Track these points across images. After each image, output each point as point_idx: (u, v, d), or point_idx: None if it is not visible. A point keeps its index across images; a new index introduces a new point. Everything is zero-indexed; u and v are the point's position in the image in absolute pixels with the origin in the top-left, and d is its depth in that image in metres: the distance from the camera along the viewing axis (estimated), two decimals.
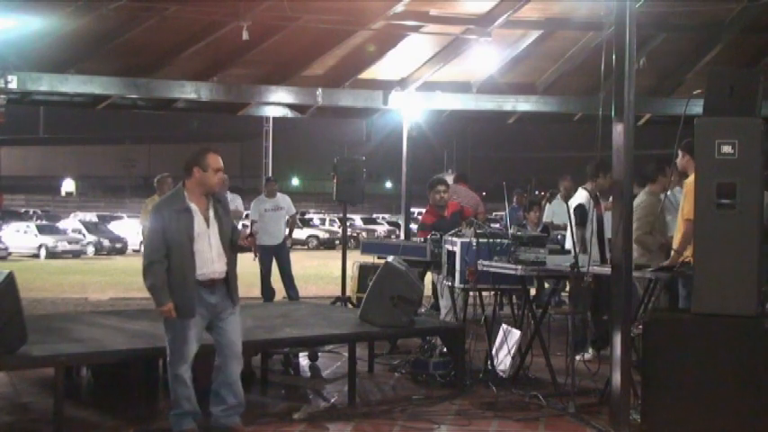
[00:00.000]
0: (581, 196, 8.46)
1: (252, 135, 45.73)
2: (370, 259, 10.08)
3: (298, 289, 11.79)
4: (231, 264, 5.84)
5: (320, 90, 12.74)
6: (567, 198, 10.67)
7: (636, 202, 7.75)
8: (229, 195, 11.90)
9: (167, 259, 5.57)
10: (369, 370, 7.92)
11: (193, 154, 5.79)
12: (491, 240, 7.57)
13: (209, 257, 5.69)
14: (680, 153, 7.15)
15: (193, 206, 5.68)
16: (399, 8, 11.44)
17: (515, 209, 12.72)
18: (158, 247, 5.57)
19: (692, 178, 6.65)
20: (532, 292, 8.84)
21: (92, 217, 42.58)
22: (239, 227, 12.58)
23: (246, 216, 13.04)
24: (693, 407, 5.54)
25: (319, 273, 20.25)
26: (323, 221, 44.46)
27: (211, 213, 5.75)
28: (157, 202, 5.89)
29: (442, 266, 8.10)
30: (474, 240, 7.58)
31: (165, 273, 5.56)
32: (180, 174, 5.84)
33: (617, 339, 5.87)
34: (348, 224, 11.62)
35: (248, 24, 10.94)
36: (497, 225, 14.69)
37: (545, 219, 11.46)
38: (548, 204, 11.71)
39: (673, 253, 6.75)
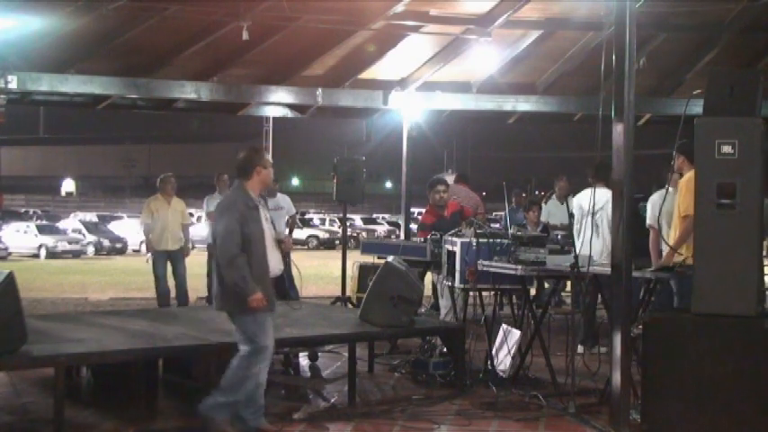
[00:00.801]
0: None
1: (252, 135, 45.72)
2: (370, 259, 10.08)
3: (298, 289, 11.77)
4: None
5: (320, 90, 12.74)
6: (562, 198, 10.72)
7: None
8: None
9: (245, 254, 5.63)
10: (369, 370, 7.91)
11: (250, 154, 5.93)
12: (491, 240, 7.57)
13: (273, 255, 5.83)
14: (675, 154, 7.19)
15: (260, 204, 5.84)
16: (399, 8, 11.44)
17: (515, 209, 12.71)
18: (238, 241, 5.63)
19: (686, 177, 6.78)
20: (532, 292, 8.85)
21: (92, 217, 42.56)
22: None
23: None
24: (693, 407, 5.54)
25: (319, 273, 20.24)
26: (323, 221, 44.47)
27: (266, 212, 5.91)
28: (228, 200, 5.88)
29: (442, 266, 8.10)
30: (474, 240, 7.59)
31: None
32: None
33: (617, 339, 5.87)
34: (348, 224, 11.63)
35: (248, 24, 10.93)
36: (497, 225, 14.69)
37: (541, 219, 11.45)
38: (543, 204, 11.70)
39: (668, 250, 6.77)
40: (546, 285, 10.08)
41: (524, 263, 7.06)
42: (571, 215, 8.92)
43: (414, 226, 12.98)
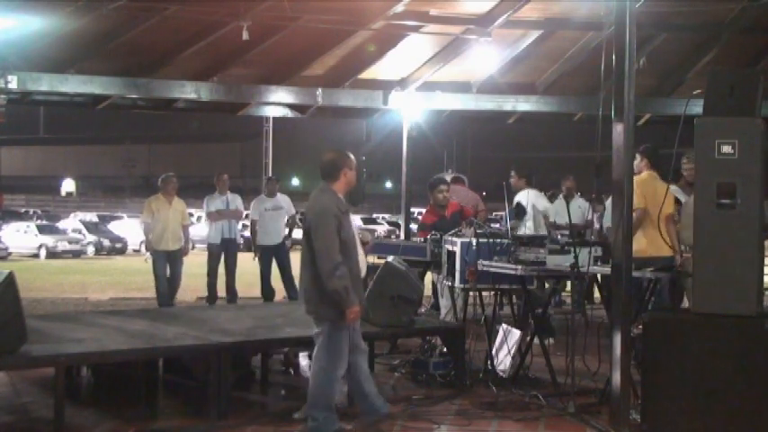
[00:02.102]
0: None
1: (252, 135, 45.75)
2: (370, 259, 10.07)
3: (298, 289, 11.77)
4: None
5: (320, 90, 12.73)
6: (570, 197, 10.79)
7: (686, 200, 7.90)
8: (229, 195, 11.94)
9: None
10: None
11: (337, 156, 5.86)
12: (491, 240, 7.57)
13: (361, 259, 5.91)
14: (637, 156, 7.61)
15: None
16: (399, 8, 11.43)
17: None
18: (338, 248, 5.58)
19: (640, 176, 7.59)
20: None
21: (92, 217, 42.58)
22: (239, 227, 12.66)
23: (246, 216, 13.04)
24: (693, 407, 5.54)
25: None
26: None
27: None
28: (321, 205, 5.78)
29: (442, 266, 8.10)
30: (474, 240, 7.58)
31: None
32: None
33: (617, 339, 5.87)
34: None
35: (248, 24, 10.92)
36: (497, 225, 14.68)
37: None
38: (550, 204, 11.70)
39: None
40: (546, 285, 10.07)
41: (524, 263, 7.06)
42: (522, 211, 9.27)
43: (414, 226, 12.97)
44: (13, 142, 68.85)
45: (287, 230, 11.92)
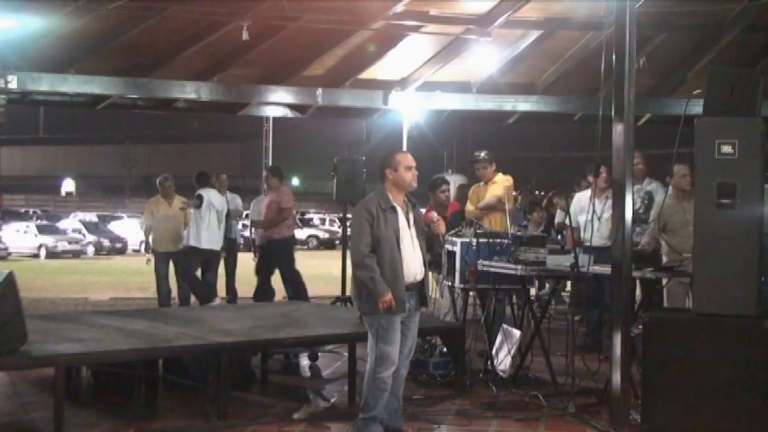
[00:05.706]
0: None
1: (252, 135, 45.66)
2: None
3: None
4: (426, 267, 5.93)
5: (320, 90, 12.74)
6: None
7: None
8: (229, 195, 11.93)
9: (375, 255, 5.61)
10: None
11: (381, 158, 5.93)
12: (491, 240, 7.56)
13: (411, 257, 5.77)
14: (486, 165, 8.55)
15: (398, 206, 5.79)
16: (399, 8, 11.45)
17: (518, 209, 12.66)
18: (369, 241, 5.60)
19: (503, 178, 8.68)
20: (532, 291, 8.86)
21: (92, 217, 42.55)
22: (239, 227, 12.64)
23: (246, 216, 13.03)
24: (693, 407, 5.54)
25: (319, 273, 20.24)
26: (323, 221, 44.44)
27: (411, 216, 5.87)
28: (363, 201, 5.92)
29: (442, 266, 8.10)
30: (474, 240, 7.58)
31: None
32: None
33: (617, 339, 5.87)
34: (348, 224, 11.58)
35: (248, 24, 10.94)
36: None
37: (558, 219, 11.37)
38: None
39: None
40: (546, 285, 10.08)
41: (524, 263, 7.05)
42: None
43: None
44: (12, 142, 68.80)
45: None
